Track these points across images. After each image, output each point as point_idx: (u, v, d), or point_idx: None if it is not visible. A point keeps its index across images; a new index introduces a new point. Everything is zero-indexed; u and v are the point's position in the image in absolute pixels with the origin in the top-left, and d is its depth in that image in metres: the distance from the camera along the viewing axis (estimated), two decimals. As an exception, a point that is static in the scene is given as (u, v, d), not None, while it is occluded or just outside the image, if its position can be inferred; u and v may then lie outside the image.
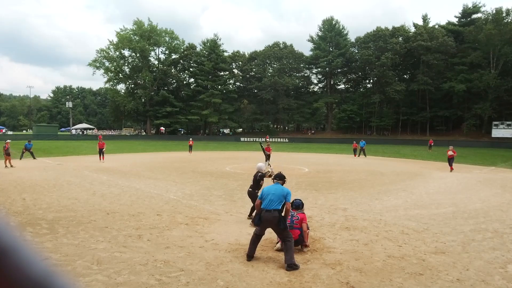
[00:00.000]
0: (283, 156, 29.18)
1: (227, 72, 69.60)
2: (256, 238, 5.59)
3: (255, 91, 68.98)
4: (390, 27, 61.80)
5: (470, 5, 59.62)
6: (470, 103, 54.55)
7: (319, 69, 69.27)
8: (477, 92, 53.24)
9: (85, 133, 72.48)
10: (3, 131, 70.60)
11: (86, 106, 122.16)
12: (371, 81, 67.80)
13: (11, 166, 17.00)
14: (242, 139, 61.05)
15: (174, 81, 69.89)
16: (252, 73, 69.39)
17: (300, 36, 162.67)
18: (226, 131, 77.61)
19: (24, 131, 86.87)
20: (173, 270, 5.00)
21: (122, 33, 62.71)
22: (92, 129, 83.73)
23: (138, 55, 63.84)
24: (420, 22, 62.52)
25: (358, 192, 11.87)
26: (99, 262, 5.22)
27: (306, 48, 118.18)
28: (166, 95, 63.84)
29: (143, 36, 62.75)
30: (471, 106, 53.94)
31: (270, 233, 6.12)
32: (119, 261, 5.29)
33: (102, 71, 63.67)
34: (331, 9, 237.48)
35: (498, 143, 47.32)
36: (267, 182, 8.03)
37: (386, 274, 5.03)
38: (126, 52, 64.72)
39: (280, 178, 5.98)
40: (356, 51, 64.68)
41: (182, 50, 67.46)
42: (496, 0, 59.63)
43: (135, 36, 63.00)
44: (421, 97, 60.15)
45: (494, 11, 51.03)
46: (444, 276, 4.98)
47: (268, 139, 45.00)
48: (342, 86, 73.33)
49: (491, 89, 51.06)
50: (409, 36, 59.18)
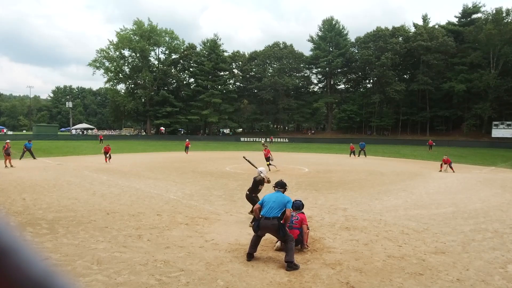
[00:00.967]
0: (283, 156, 29.17)
1: (227, 72, 69.58)
2: (256, 239, 5.60)
3: (255, 91, 68.99)
4: (390, 27, 61.86)
5: (470, 5, 59.67)
6: (470, 103, 54.55)
7: (319, 69, 69.32)
8: (477, 92, 53.24)
9: (85, 133, 72.47)
10: (4, 131, 70.58)
11: (86, 106, 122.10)
12: (371, 81, 67.83)
13: (11, 166, 16.98)
14: (242, 139, 61.04)
15: (174, 81, 69.88)
16: (252, 73, 69.40)
17: (300, 36, 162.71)
18: (226, 131, 77.56)
19: (24, 131, 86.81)
20: (173, 270, 5.00)
21: (122, 33, 62.71)
22: (92, 129, 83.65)
23: (138, 55, 63.84)
24: (420, 22, 62.61)
25: (358, 192, 11.87)
26: (99, 262, 5.22)
27: (306, 48, 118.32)
28: (166, 95, 63.84)
29: (143, 36, 62.73)
30: (471, 106, 53.95)
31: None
32: (119, 261, 5.29)
33: (102, 71, 63.81)
34: (331, 9, 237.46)
35: (498, 143, 47.33)
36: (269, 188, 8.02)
37: (386, 274, 5.03)
38: (126, 52, 64.82)
39: (281, 187, 5.94)
40: (356, 51, 64.69)
41: (182, 50, 67.45)
42: (496, 0, 59.69)
43: (135, 36, 62.99)
44: (421, 97, 60.16)
45: (494, 11, 51.04)
46: (444, 276, 4.98)
47: (267, 140, 44.27)
48: (342, 86, 73.38)
49: (491, 89, 51.07)
50: (409, 36, 59.17)
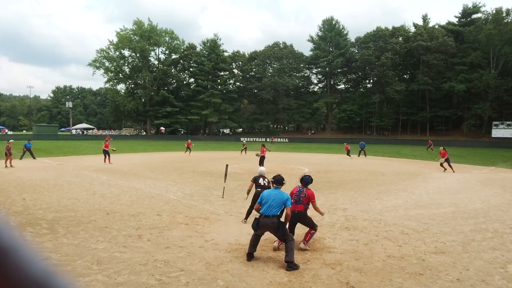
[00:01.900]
0: (283, 156, 29.17)
1: (227, 72, 69.59)
2: (256, 238, 5.60)
3: (255, 91, 68.96)
4: (390, 27, 61.86)
5: (470, 5, 59.65)
6: (470, 103, 54.52)
7: (319, 69, 69.31)
8: (477, 92, 53.22)
9: (85, 133, 72.49)
10: (5, 131, 70.65)
11: (86, 106, 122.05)
12: (371, 81, 67.81)
13: (11, 166, 17.00)
14: (242, 139, 60.88)
15: (174, 81, 69.86)
16: (252, 73, 69.39)
17: (300, 36, 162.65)
18: (226, 131, 77.54)
19: (24, 131, 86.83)
20: (173, 270, 5.00)
21: (122, 33, 62.67)
22: (92, 129, 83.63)
23: (138, 55, 63.81)
24: (420, 22, 62.58)
25: (358, 192, 11.86)
26: (99, 262, 5.22)
27: (306, 48, 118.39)
28: (166, 95, 63.81)
29: (143, 36, 62.72)
30: (471, 106, 53.91)
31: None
32: (119, 261, 5.29)
33: (102, 71, 63.75)
34: (330, 9, 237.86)
35: (498, 143, 47.27)
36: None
37: (386, 274, 5.03)
38: (126, 52, 64.79)
39: (279, 183, 5.90)
40: (356, 51, 64.72)
41: (182, 50, 67.42)
42: (496, 0, 59.65)
43: (135, 36, 62.95)
44: (421, 97, 60.14)
45: (494, 11, 50.96)
46: (444, 276, 4.98)
47: (268, 141, 43.88)
48: (342, 86, 73.38)
49: (491, 89, 51.03)
50: (409, 36, 59.14)
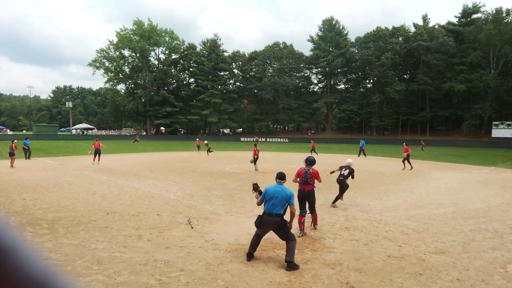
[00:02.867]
0: (283, 156, 29.18)
1: (227, 72, 69.59)
2: (256, 239, 5.59)
3: (255, 91, 68.96)
4: (390, 27, 61.84)
5: (470, 5, 59.67)
6: (470, 103, 54.52)
7: (319, 69, 69.29)
8: (477, 92, 53.22)
9: (85, 133, 72.48)
10: (7, 131, 70.69)
11: (86, 106, 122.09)
12: (371, 81, 67.80)
13: (11, 166, 17.03)
14: (242, 139, 60.98)
15: (174, 81, 69.87)
16: (252, 73, 69.40)
17: (300, 36, 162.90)
18: (226, 131, 77.55)
19: (24, 131, 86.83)
20: (173, 270, 5.00)
21: (122, 33, 62.67)
22: (92, 129, 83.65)
23: (138, 55, 63.82)
24: (420, 22, 62.60)
25: (358, 192, 11.85)
26: (99, 262, 5.22)
27: (306, 48, 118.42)
28: (166, 95, 63.81)
29: (143, 36, 62.72)
30: (471, 106, 53.91)
31: (271, 233, 6.10)
32: (119, 261, 5.29)
33: (102, 71, 63.77)
34: (330, 9, 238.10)
35: (498, 143, 47.28)
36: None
37: (386, 274, 5.03)
38: (126, 52, 64.81)
39: (281, 178, 5.89)
40: (356, 51, 64.70)
41: (182, 50, 67.42)
42: (496, 0, 59.66)
43: (135, 36, 62.97)
44: (421, 97, 60.14)
45: (494, 11, 50.98)
46: (444, 276, 4.98)
47: (255, 141, 43.88)
48: (342, 86, 73.37)
49: (491, 89, 51.04)
50: (409, 36, 59.12)
